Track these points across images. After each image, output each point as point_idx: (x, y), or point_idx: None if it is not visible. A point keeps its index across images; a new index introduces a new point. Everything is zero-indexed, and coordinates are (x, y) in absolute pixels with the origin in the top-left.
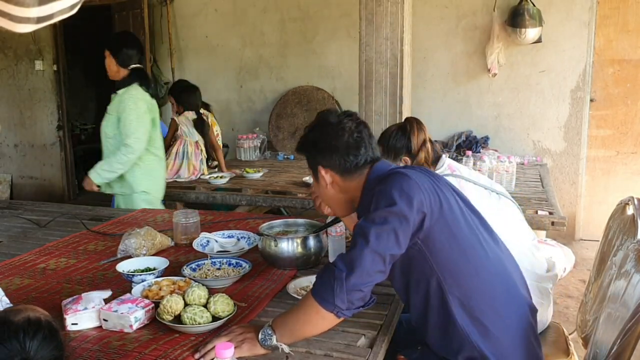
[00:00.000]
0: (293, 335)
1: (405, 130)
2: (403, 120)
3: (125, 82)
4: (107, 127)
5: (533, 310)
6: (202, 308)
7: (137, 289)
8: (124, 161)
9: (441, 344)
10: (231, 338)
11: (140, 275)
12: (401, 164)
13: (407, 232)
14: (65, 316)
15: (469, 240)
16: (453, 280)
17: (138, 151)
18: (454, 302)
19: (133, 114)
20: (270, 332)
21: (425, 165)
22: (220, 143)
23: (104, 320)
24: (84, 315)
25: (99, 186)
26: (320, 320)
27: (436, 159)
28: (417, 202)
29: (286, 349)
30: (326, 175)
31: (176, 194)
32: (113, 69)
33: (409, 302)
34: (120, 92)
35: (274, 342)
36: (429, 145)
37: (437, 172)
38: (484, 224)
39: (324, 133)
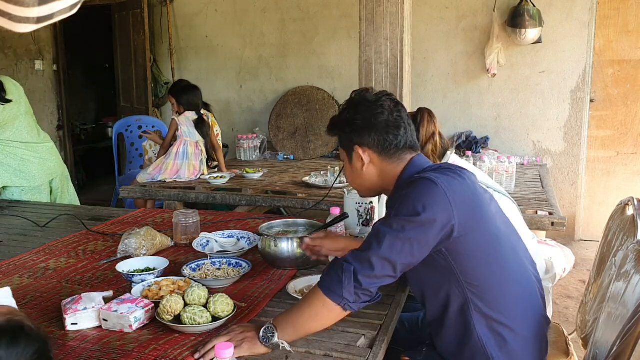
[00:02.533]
0: (296, 331)
1: (415, 120)
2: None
3: None
4: None
5: (547, 322)
6: (202, 308)
7: (137, 289)
8: None
9: (453, 349)
10: (231, 337)
11: (140, 275)
12: None
13: (424, 244)
14: (65, 316)
15: (498, 251)
16: (477, 291)
17: None
18: (475, 312)
19: None
20: (272, 330)
21: (432, 158)
22: (220, 143)
23: (104, 320)
24: (83, 315)
25: None
26: (327, 313)
27: (442, 153)
28: (443, 216)
29: (287, 347)
30: (364, 155)
31: (176, 194)
32: None
33: (426, 303)
34: None
35: (275, 339)
36: (437, 138)
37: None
38: (513, 231)
39: (362, 111)
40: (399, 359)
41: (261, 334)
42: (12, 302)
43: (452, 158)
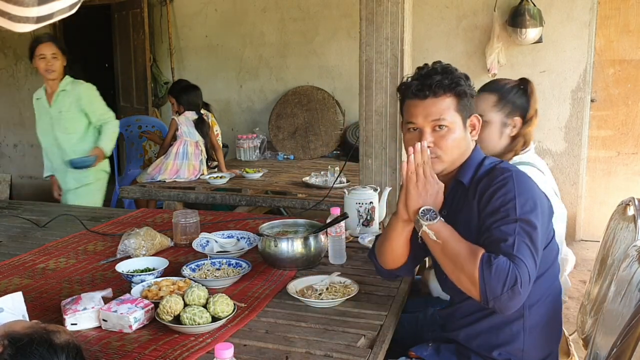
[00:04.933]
0: (441, 246)
1: (525, 91)
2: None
3: (66, 79)
4: (72, 123)
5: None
6: (202, 308)
7: (136, 289)
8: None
9: (484, 336)
10: (418, 184)
11: (140, 275)
12: (509, 124)
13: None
14: (65, 316)
15: (551, 238)
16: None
17: None
18: (529, 297)
19: (98, 97)
20: (435, 215)
21: (529, 137)
22: (220, 143)
23: (104, 320)
24: (83, 316)
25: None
26: (464, 282)
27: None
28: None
29: (432, 235)
30: (478, 125)
31: (176, 194)
32: (61, 69)
33: (466, 299)
34: (67, 87)
35: (429, 223)
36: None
37: (523, 155)
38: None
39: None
40: (407, 355)
41: (424, 210)
42: (22, 308)
43: (532, 154)
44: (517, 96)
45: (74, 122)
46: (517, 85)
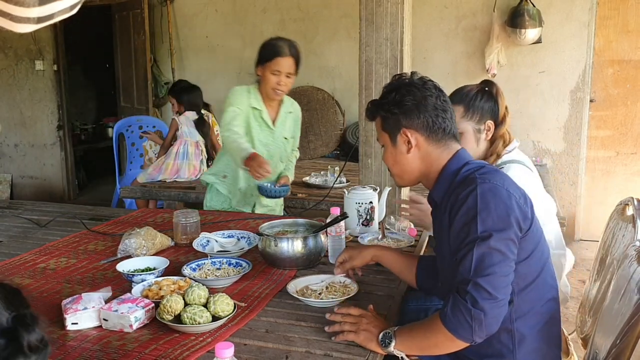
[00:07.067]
0: (412, 350)
1: (490, 94)
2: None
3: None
4: (288, 149)
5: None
6: (202, 308)
7: (137, 289)
8: None
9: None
10: (357, 321)
11: (141, 275)
12: (483, 129)
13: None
14: (65, 316)
15: (536, 245)
16: (520, 289)
17: None
18: (515, 310)
19: None
20: (390, 337)
21: (508, 137)
22: (220, 143)
23: (104, 320)
24: (84, 315)
25: None
26: (453, 346)
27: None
28: (515, 221)
29: (405, 358)
30: (411, 138)
31: (176, 194)
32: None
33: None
34: (292, 108)
35: (391, 347)
36: (509, 116)
37: (509, 154)
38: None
39: (410, 92)
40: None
41: (380, 336)
42: None
43: (517, 151)
44: (483, 101)
45: (289, 147)
46: (480, 90)
